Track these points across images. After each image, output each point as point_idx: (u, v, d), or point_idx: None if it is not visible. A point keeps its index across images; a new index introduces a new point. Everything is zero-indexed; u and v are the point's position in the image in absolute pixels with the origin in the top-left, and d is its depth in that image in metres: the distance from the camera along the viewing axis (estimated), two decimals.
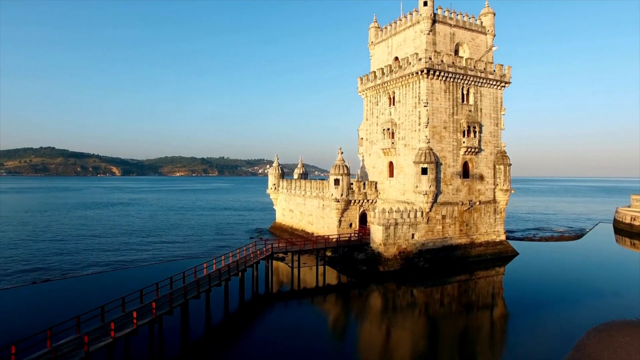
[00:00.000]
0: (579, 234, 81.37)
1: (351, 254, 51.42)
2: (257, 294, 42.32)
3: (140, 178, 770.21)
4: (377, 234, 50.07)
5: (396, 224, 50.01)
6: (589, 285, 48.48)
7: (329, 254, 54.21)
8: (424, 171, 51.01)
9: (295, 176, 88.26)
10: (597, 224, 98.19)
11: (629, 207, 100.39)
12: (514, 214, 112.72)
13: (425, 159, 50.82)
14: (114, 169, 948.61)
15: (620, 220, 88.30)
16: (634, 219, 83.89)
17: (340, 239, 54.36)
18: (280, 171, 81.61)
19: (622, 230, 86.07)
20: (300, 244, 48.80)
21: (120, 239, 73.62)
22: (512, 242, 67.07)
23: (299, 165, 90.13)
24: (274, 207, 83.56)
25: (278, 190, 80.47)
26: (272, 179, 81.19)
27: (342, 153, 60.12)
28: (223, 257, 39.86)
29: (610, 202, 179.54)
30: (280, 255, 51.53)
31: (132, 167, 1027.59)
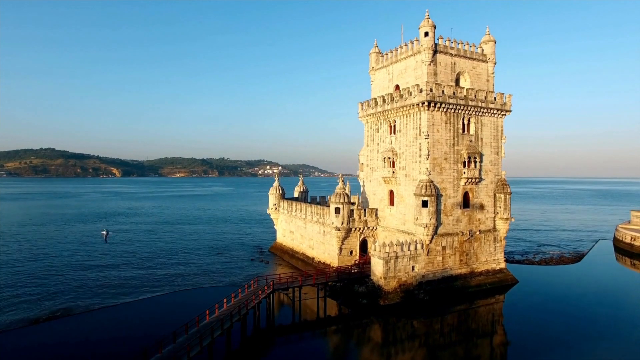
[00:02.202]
0: (579, 255, 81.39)
1: (352, 286, 51.49)
2: (258, 328, 42.65)
3: (140, 180, 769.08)
4: (377, 267, 50.13)
5: (396, 257, 50.08)
6: (589, 316, 49.09)
7: (330, 282, 54.33)
8: (425, 204, 51.07)
9: (296, 194, 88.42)
10: (597, 242, 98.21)
11: (629, 222, 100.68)
12: (515, 227, 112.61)
13: (425, 192, 50.87)
14: (114, 170, 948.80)
15: (621, 239, 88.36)
16: (634, 239, 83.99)
17: (341, 269, 54.53)
18: (280, 191, 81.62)
19: (623, 249, 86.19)
20: (301, 278, 48.89)
21: (115, 265, 69.25)
22: (512, 266, 67.44)
23: (299, 183, 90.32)
24: (275, 226, 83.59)
25: (279, 210, 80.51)
26: (272, 199, 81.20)
27: (343, 181, 60.23)
28: (225, 300, 40.01)
29: (610, 212, 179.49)
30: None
31: (132, 168, 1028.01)
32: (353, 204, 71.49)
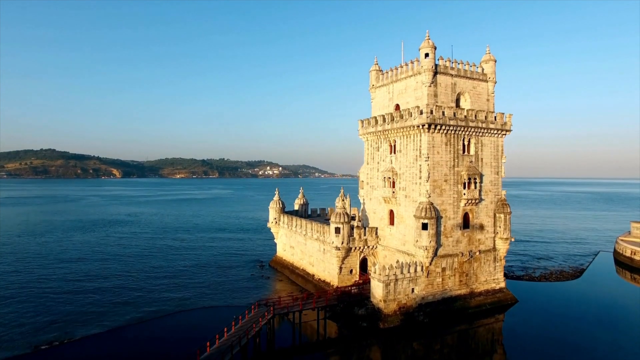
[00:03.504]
0: (579, 270, 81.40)
1: (352, 308, 51.53)
2: (259, 351, 42.76)
3: (140, 181, 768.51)
4: (377, 290, 50.18)
5: (396, 279, 50.14)
6: (589, 337, 49.64)
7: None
8: (425, 226, 51.12)
9: (296, 207, 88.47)
10: (597, 254, 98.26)
11: (629, 233, 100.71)
12: (515, 237, 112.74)
13: (425, 215, 50.93)
14: (115, 171, 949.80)
15: (621, 252, 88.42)
16: (634, 253, 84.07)
17: (340, 290, 54.65)
18: (280, 205, 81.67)
19: (623, 263, 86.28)
20: (301, 302, 48.99)
21: (110, 288, 66.12)
22: (512, 282, 67.56)
23: (299, 196, 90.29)
24: (275, 240, 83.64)
25: (279, 224, 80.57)
26: (272, 213, 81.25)
27: (343, 200, 60.30)
28: (225, 329, 40.10)
29: (610, 220, 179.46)
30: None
31: (132, 169, 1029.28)
32: (353, 218, 71.72)
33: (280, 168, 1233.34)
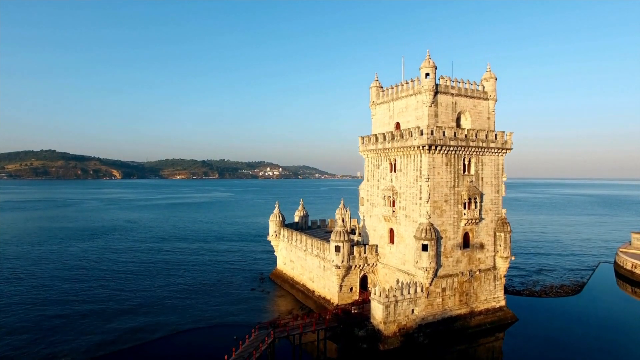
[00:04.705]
0: (580, 283, 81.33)
1: (352, 329, 51.46)
2: None
3: (140, 183, 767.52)
4: (377, 312, 50.13)
5: (396, 301, 50.08)
6: (589, 357, 50.03)
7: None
8: (425, 248, 51.08)
9: (296, 218, 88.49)
10: (598, 265, 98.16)
11: (630, 244, 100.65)
12: (515, 247, 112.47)
13: (426, 236, 50.90)
14: (115, 172, 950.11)
15: (622, 265, 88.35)
16: (635, 267, 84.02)
17: (340, 309, 54.65)
18: (281, 218, 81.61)
19: (623, 276, 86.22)
20: (302, 325, 48.96)
21: (105, 311, 63.33)
22: (512, 297, 67.43)
23: (299, 207, 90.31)
24: (275, 253, 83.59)
25: (279, 238, 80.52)
26: (273, 226, 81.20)
27: (343, 220, 60.26)
28: (226, 357, 40.11)
29: (611, 226, 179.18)
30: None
31: (132, 170, 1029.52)
32: (353, 232, 71.69)
33: (280, 169, 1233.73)
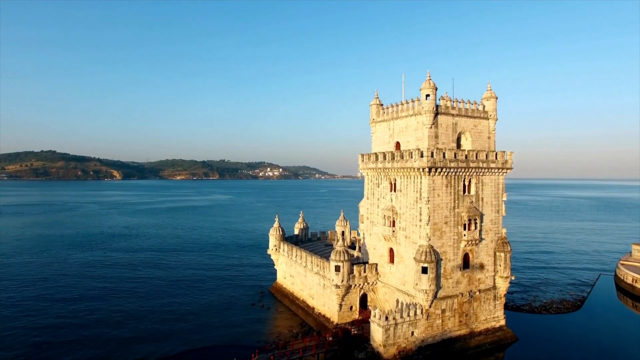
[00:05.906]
0: (580, 297, 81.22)
1: (351, 351, 51.46)
2: None
3: (141, 184, 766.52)
4: (377, 335, 50.12)
5: (396, 324, 50.06)
6: None
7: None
8: (424, 270, 51.03)
9: (296, 231, 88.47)
10: (598, 277, 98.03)
11: (630, 255, 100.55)
12: (515, 256, 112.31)
13: (425, 258, 50.84)
14: (115, 173, 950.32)
15: (622, 278, 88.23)
16: (636, 281, 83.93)
17: (340, 330, 54.66)
18: (281, 232, 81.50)
19: (624, 289, 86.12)
20: (302, 349, 48.97)
21: (100, 333, 61.42)
22: (512, 314, 67.25)
23: (299, 220, 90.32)
24: (275, 267, 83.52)
25: (279, 252, 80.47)
26: (273, 240, 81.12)
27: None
28: None
29: (610, 233, 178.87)
30: None
31: (132, 171, 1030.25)
32: (353, 247, 71.66)
33: (280, 169, 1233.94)
